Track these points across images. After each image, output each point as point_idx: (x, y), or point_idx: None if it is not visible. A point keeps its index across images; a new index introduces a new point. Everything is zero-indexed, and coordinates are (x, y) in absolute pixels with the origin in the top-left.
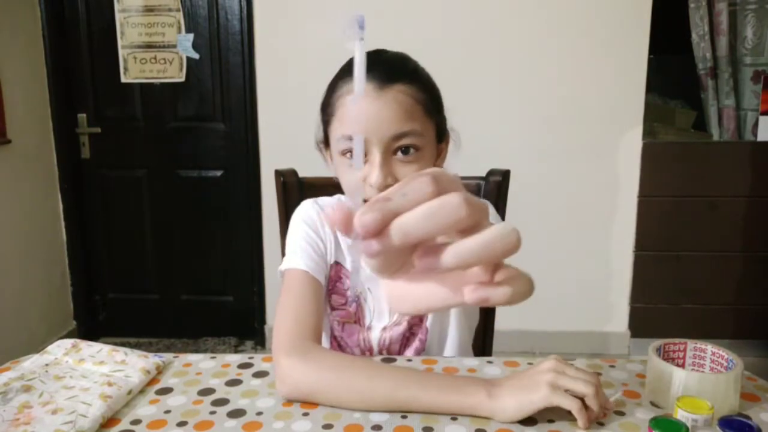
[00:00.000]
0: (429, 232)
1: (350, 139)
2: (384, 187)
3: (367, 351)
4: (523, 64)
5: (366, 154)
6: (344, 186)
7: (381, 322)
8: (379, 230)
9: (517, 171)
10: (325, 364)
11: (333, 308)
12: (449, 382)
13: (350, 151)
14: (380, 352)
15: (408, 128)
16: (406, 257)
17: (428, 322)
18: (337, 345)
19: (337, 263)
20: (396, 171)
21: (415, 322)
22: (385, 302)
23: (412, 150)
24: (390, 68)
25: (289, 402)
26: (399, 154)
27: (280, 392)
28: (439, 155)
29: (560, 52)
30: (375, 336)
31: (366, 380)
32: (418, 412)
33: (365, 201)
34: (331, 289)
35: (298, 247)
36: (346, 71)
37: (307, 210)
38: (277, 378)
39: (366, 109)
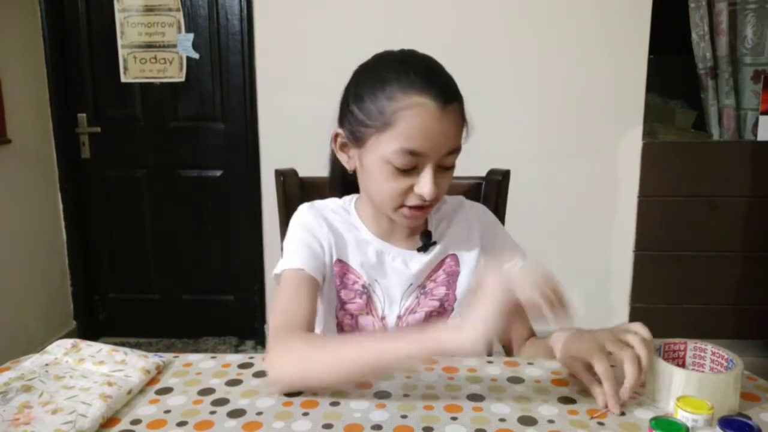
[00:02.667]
0: None
1: (412, 153)
2: (434, 198)
3: None
4: (522, 65)
5: (416, 166)
6: (379, 189)
7: (393, 311)
8: None
9: (517, 171)
10: (297, 346)
11: (344, 303)
12: (414, 331)
13: (408, 168)
14: None
15: (457, 145)
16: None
17: (447, 320)
18: None
19: (340, 261)
20: (438, 182)
21: (433, 319)
22: (394, 291)
23: (451, 164)
24: (449, 86)
25: (289, 402)
26: (441, 167)
27: (270, 387)
28: None
29: (560, 52)
30: (391, 323)
31: (335, 348)
32: (390, 367)
33: (402, 206)
34: (339, 285)
35: (293, 249)
36: (401, 79)
37: (303, 213)
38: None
39: (432, 126)
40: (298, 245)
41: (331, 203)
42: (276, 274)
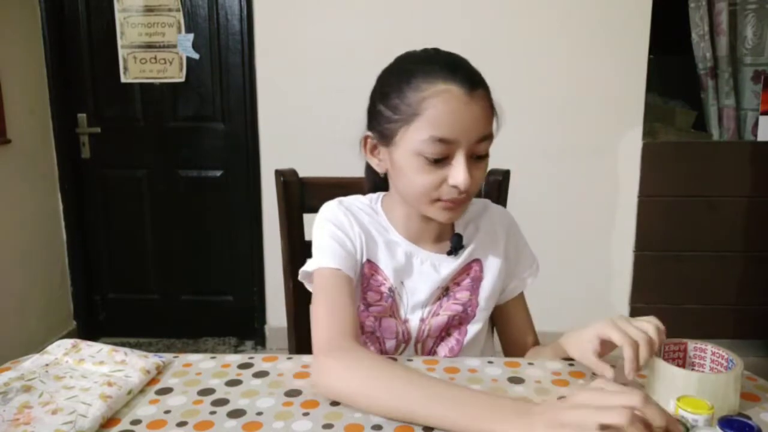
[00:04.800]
0: None
1: (442, 140)
2: (469, 188)
3: (403, 342)
4: (523, 64)
5: (448, 157)
6: (412, 184)
7: (416, 314)
8: None
9: (517, 171)
10: (363, 366)
11: (369, 305)
12: (485, 405)
13: (437, 152)
14: (417, 343)
15: (488, 131)
16: None
17: (469, 325)
18: (363, 343)
19: (369, 261)
20: (473, 173)
21: (455, 323)
22: (420, 294)
23: (484, 153)
24: (474, 73)
25: (289, 402)
26: (474, 156)
27: (317, 390)
28: None
29: (560, 52)
30: (414, 326)
31: (404, 387)
32: (441, 429)
33: (437, 200)
34: (366, 286)
35: (326, 246)
36: (426, 70)
37: (332, 209)
38: (315, 376)
39: (460, 111)
40: (331, 243)
41: (358, 201)
42: (306, 272)
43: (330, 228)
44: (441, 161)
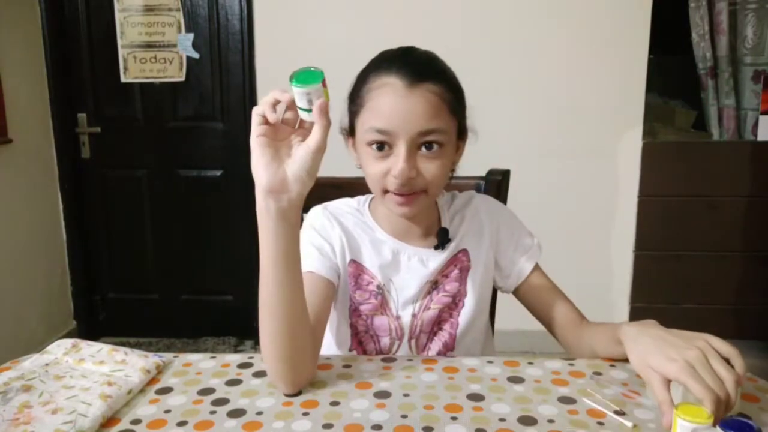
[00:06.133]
0: None
1: (379, 131)
2: (407, 179)
3: (398, 339)
4: (523, 64)
5: (391, 147)
6: (366, 175)
7: (408, 310)
8: None
9: (517, 171)
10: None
11: (359, 304)
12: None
13: (377, 142)
14: (411, 339)
15: (434, 126)
16: None
17: (460, 317)
18: (358, 343)
19: (354, 261)
20: (419, 165)
21: (445, 316)
22: (410, 290)
23: (435, 146)
24: (420, 67)
25: (289, 402)
26: (423, 149)
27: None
28: (457, 151)
29: (560, 52)
30: (406, 322)
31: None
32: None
33: (386, 192)
34: (354, 285)
35: (303, 252)
36: (378, 64)
37: (315, 215)
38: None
39: (396, 104)
40: (307, 248)
41: (344, 205)
42: None
43: (309, 233)
44: (387, 152)
